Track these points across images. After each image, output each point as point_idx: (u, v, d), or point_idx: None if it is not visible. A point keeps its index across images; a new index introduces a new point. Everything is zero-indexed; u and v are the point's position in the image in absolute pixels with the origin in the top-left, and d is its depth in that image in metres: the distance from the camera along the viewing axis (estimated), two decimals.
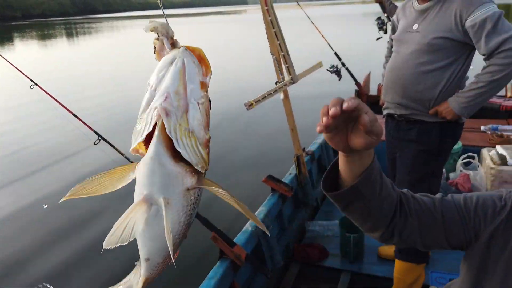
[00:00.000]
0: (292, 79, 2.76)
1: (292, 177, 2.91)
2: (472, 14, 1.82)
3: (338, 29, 22.53)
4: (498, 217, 0.92)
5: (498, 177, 2.77)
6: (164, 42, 0.52)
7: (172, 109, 0.50)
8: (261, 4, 2.54)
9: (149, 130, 0.51)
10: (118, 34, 39.67)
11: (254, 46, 17.08)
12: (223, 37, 26.85)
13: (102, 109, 8.47)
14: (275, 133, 5.72)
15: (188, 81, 0.51)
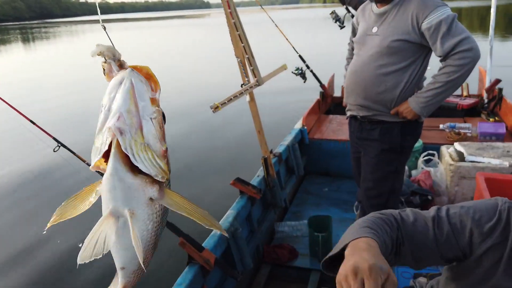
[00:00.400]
0: (258, 82, 2.76)
1: (260, 179, 2.92)
2: (428, 17, 1.88)
3: (301, 32, 22.87)
4: (494, 232, 0.92)
5: (457, 173, 2.88)
6: (112, 65, 0.55)
7: (126, 127, 0.53)
8: (224, 7, 2.54)
9: (106, 149, 0.54)
10: (77, 39, 38.56)
11: (219, 50, 17.03)
12: (187, 41, 26.63)
13: (60, 115, 8.20)
14: (243, 136, 5.72)
15: (138, 99, 0.54)
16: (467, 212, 0.96)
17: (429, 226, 0.96)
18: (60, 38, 39.34)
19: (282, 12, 20.31)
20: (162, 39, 27.41)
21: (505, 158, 2.75)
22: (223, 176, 4.38)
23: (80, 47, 28.43)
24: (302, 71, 4.11)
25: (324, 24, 34.99)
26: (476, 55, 1.88)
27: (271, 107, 7.22)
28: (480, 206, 0.97)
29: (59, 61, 19.10)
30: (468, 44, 1.86)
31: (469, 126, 3.55)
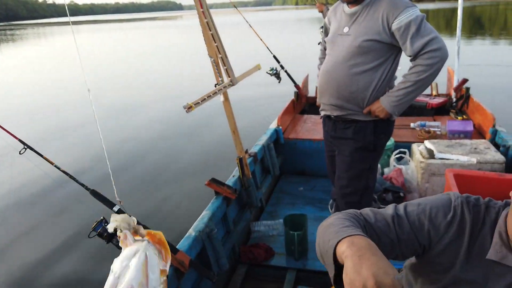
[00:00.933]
0: (231, 81, 2.75)
1: (236, 179, 2.91)
2: (398, 18, 1.92)
3: (275, 34, 23.00)
4: (450, 228, 0.96)
5: (427, 170, 2.95)
6: (128, 236, 0.55)
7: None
8: (197, 7, 2.52)
9: None
10: (45, 41, 37.49)
11: (193, 51, 16.94)
12: (160, 43, 26.32)
13: (27, 118, 7.95)
14: (218, 136, 5.69)
15: (150, 272, 0.54)
16: (424, 210, 0.99)
17: (389, 225, 0.98)
18: (27, 41, 38.15)
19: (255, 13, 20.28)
20: (134, 41, 26.99)
21: (472, 155, 2.84)
22: (198, 176, 4.35)
23: (49, 49, 27.68)
24: (276, 72, 4.13)
25: (297, 26, 35.32)
26: (444, 55, 1.93)
27: (246, 107, 7.23)
28: (436, 203, 1.00)
29: (27, 64, 18.51)
30: (436, 44, 1.90)
31: (439, 125, 3.65)
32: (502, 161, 2.71)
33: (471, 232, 0.95)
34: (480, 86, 5.60)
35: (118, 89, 10.42)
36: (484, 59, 11.50)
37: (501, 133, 3.25)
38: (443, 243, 0.96)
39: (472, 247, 0.95)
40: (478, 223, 0.96)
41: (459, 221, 0.96)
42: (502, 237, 0.91)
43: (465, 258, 0.95)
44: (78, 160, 5.38)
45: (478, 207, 0.98)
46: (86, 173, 4.77)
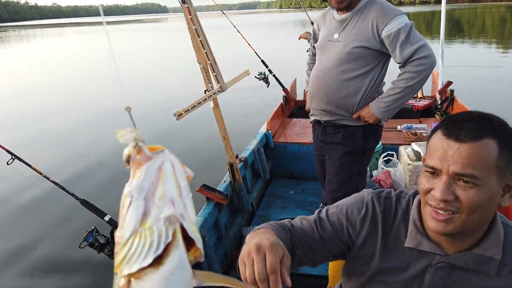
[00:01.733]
0: (221, 88, 2.77)
1: (227, 185, 2.91)
2: (387, 25, 1.96)
3: (261, 37, 23.05)
4: (365, 223, 1.03)
5: (415, 172, 3.00)
6: (143, 148, 0.49)
7: (183, 212, 0.48)
8: (185, 14, 2.52)
9: (169, 240, 0.47)
10: (27, 44, 36.92)
11: (180, 55, 16.88)
12: (147, 46, 26.14)
13: (12, 125, 7.81)
14: (208, 142, 5.68)
15: (180, 180, 0.49)
16: (341, 210, 1.06)
17: (313, 228, 1.05)
18: (9, 44, 37.51)
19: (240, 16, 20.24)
20: (120, 44, 26.75)
21: None
22: (190, 183, 4.32)
23: (31, 52, 27.27)
24: (265, 76, 4.14)
25: (282, 29, 35.45)
26: (432, 62, 1.97)
27: (235, 112, 7.23)
28: (351, 201, 1.07)
29: (8, 68, 18.19)
30: (425, 51, 1.94)
31: (425, 127, 3.71)
32: None
33: (383, 224, 1.02)
34: (464, 88, 5.71)
35: (102, 94, 10.31)
36: (466, 60, 11.72)
37: None
38: (361, 237, 1.03)
39: (388, 237, 1.01)
40: (390, 214, 1.02)
41: (371, 215, 1.02)
42: (416, 225, 0.96)
43: (382, 248, 1.01)
44: (66, 168, 5.32)
45: (390, 200, 1.04)
46: (76, 181, 4.73)
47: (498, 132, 0.83)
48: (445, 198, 0.83)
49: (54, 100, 10.05)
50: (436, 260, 0.94)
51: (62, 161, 5.62)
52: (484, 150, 0.81)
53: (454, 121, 0.86)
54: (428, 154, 0.90)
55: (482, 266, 0.90)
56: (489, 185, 0.82)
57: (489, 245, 0.90)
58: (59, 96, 10.56)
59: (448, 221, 0.85)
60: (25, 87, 12.43)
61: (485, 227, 0.91)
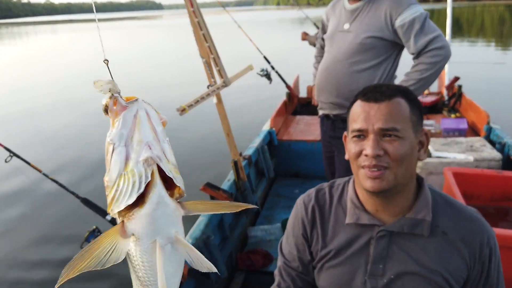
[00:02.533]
0: (224, 82, 2.68)
1: (231, 183, 2.84)
2: (401, 15, 1.89)
3: (261, 34, 22.98)
4: (306, 224, 1.12)
5: (425, 169, 2.92)
6: (119, 99, 0.54)
7: (160, 154, 0.55)
8: (187, 6, 2.44)
9: (149, 179, 0.54)
10: (20, 41, 36.63)
11: (180, 51, 16.78)
12: (144, 43, 25.99)
13: (7, 122, 7.67)
14: (211, 139, 5.60)
15: (155, 125, 0.55)
16: (287, 237, 1.17)
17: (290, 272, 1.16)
18: (2, 41, 37.20)
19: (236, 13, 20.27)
20: (116, 41, 26.57)
21: (469, 152, 2.83)
22: (193, 181, 4.25)
23: (24, 49, 27.04)
24: (267, 72, 4.08)
25: (281, 26, 35.40)
26: (447, 53, 1.90)
27: (238, 109, 7.15)
28: (290, 225, 1.17)
29: (2, 66, 18.00)
30: (440, 42, 1.88)
31: (433, 123, 3.65)
32: (499, 158, 2.72)
33: (321, 215, 1.10)
34: (470, 84, 5.67)
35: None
36: (468, 58, 11.73)
37: (496, 130, 3.27)
38: (312, 236, 1.11)
39: (327, 224, 1.09)
40: (325, 203, 1.11)
41: (308, 219, 1.11)
42: (354, 202, 1.05)
43: (322, 237, 1.09)
44: (65, 166, 5.22)
45: (322, 190, 1.14)
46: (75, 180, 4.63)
47: (405, 93, 0.98)
48: (376, 153, 0.92)
49: (47, 97, 9.93)
50: (376, 231, 1.01)
51: (60, 159, 5.52)
52: (400, 106, 0.94)
53: (369, 89, 0.98)
54: (351, 121, 0.99)
55: (416, 228, 0.99)
56: (409, 137, 0.94)
57: (419, 208, 0.99)
58: (52, 94, 10.45)
59: (382, 176, 0.93)
60: (17, 84, 12.29)
61: (413, 187, 1.00)
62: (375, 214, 1.02)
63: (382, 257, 1.01)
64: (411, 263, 0.99)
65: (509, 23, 29.62)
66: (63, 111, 8.42)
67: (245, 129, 5.18)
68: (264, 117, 4.35)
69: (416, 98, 1.00)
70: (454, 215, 1.00)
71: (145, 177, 0.54)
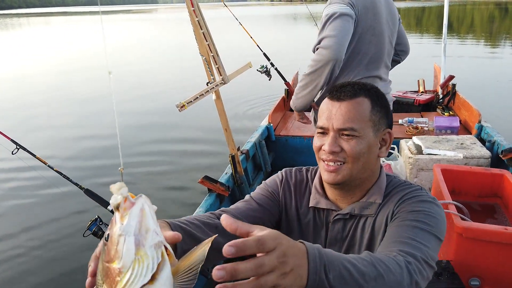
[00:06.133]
0: (223, 80, 2.76)
1: (228, 177, 2.91)
2: (323, 11, 1.96)
3: (258, 29, 22.93)
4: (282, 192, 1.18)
5: (415, 165, 3.02)
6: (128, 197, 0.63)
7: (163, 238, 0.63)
8: (187, 5, 2.50)
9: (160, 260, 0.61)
10: (14, 33, 36.22)
11: (178, 47, 16.69)
12: (142, 37, 25.76)
13: (14, 115, 7.66)
14: (210, 134, 5.65)
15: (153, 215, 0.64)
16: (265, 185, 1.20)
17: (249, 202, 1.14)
18: None
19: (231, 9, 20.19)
20: (112, 35, 26.36)
21: (459, 150, 2.92)
22: (191, 174, 4.33)
23: (17, 41, 26.76)
24: (266, 69, 4.12)
25: (275, 22, 35.35)
26: (331, 55, 1.85)
27: (237, 105, 7.19)
28: (270, 179, 1.21)
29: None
30: (328, 42, 1.86)
31: (426, 121, 3.74)
32: (488, 156, 2.80)
33: (296, 193, 1.16)
34: (464, 82, 5.76)
35: (96, 85, 10.18)
36: (463, 56, 11.83)
37: (486, 128, 3.36)
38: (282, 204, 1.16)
39: (301, 201, 1.16)
40: (302, 183, 1.18)
41: (286, 187, 1.17)
42: (317, 187, 1.13)
43: (298, 210, 1.15)
44: (68, 157, 5.25)
45: (301, 172, 1.20)
46: (78, 171, 4.68)
47: (370, 92, 1.03)
48: (332, 150, 1.00)
49: (43, 89, 9.89)
50: (333, 215, 1.09)
51: (59, 149, 5.55)
52: (360, 106, 1.00)
53: (336, 87, 1.04)
54: (318, 117, 1.06)
55: (366, 210, 1.06)
56: (367, 136, 1.00)
57: (372, 193, 1.06)
58: (49, 85, 10.39)
59: (337, 170, 1.01)
60: (16, 74, 12.21)
61: (371, 179, 1.07)
62: (334, 202, 1.10)
63: (337, 240, 1.09)
64: (362, 243, 1.07)
65: (499, 21, 29.84)
66: (61, 104, 8.40)
67: (243, 125, 5.26)
68: (263, 113, 4.41)
69: (381, 97, 1.05)
70: (397, 193, 1.05)
71: (157, 258, 0.61)
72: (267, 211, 1.13)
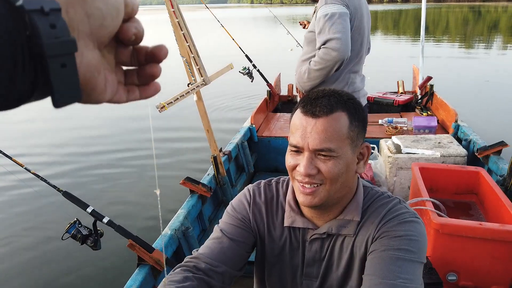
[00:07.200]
0: (204, 81, 2.75)
1: (211, 178, 2.91)
2: (319, 11, 2.06)
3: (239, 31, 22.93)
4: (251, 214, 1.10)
5: (395, 164, 3.07)
6: None
7: None
8: (167, 6, 2.50)
9: None
10: None
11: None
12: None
13: None
14: (192, 135, 5.63)
15: None
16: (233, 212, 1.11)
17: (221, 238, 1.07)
18: None
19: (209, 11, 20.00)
20: None
21: (437, 149, 2.99)
22: (173, 175, 4.30)
23: None
24: (249, 71, 4.13)
25: (256, 24, 35.42)
26: (339, 56, 2.00)
27: (219, 106, 7.18)
28: (237, 201, 1.13)
29: None
30: (336, 44, 1.99)
31: (405, 121, 3.81)
32: (464, 154, 2.87)
33: (266, 209, 1.09)
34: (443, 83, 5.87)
35: None
36: (440, 58, 12.08)
37: (463, 127, 3.45)
38: (258, 229, 1.09)
39: (274, 221, 1.08)
40: (273, 199, 1.10)
41: (255, 206, 1.09)
42: (291, 205, 1.05)
43: (271, 231, 1.08)
44: (46, 160, 5.15)
45: (270, 186, 1.13)
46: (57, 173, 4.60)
47: (347, 105, 0.93)
48: (308, 172, 0.91)
49: None
50: (310, 235, 1.03)
51: (41, 152, 5.44)
52: (337, 123, 0.90)
53: (310, 98, 0.94)
54: (291, 132, 0.96)
55: (344, 229, 1.00)
56: (345, 155, 0.92)
57: (349, 210, 1.00)
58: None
59: (314, 193, 0.93)
60: None
61: (349, 195, 1.01)
62: (310, 219, 1.03)
63: (315, 260, 1.04)
64: (340, 263, 1.02)
65: (473, 24, 30.66)
66: (33, 106, 8.24)
67: (226, 126, 5.26)
68: (245, 114, 4.42)
69: (358, 109, 0.96)
70: (376, 210, 1.00)
71: None
72: (241, 243, 1.06)
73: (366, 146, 0.99)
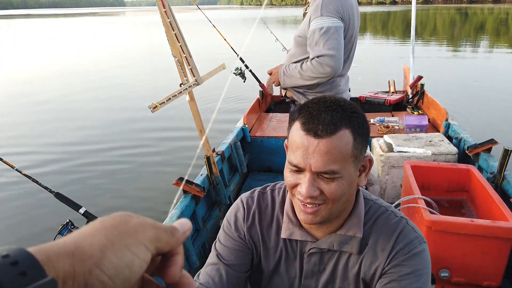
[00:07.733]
0: (196, 81, 2.75)
1: (204, 178, 2.90)
2: (313, 22, 2.07)
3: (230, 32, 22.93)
4: (245, 226, 1.08)
5: (387, 163, 3.10)
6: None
7: None
8: (159, 6, 2.49)
9: None
10: None
11: (149, 49, 16.45)
12: (110, 39, 25.28)
13: None
14: (186, 135, 5.61)
15: None
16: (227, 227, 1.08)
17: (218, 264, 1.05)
18: None
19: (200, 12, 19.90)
20: (78, 39, 25.71)
21: (428, 147, 3.02)
22: (166, 175, 4.29)
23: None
24: (241, 71, 4.13)
25: (246, 25, 35.43)
26: (332, 72, 2.05)
27: (212, 106, 7.17)
28: (230, 214, 1.10)
29: None
30: (331, 62, 2.03)
31: (396, 120, 3.84)
32: (455, 152, 2.91)
33: (260, 221, 1.06)
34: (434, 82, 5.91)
35: (62, 89, 9.92)
36: (430, 59, 12.21)
37: (453, 126, 3.50)
38: (254, 244, 1.06)
39: (269, 233, 1.06)
40: (267, 207, 1.07)
41: (249, 217, 1.06)
42: (289, 216, 1.02)
43: (267, 244, 1.05)
44: (38, 161, 5.09)
45: (265, 194, 1.09)
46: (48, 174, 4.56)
47: (351, 120, 0.86)
48: (310, 194, 0.87)
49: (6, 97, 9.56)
50: (308, 247, 1.00)
51: (33, 153, 5.38)
52: (341, 143, 0.84)
53: (311, 114, 0.86)
54: (290, 149, 0.91)
55: (346, 246, 0.97)
56: (348, 174, 0.88)
57: (351, 225, 0.97)
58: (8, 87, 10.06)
59: (316, 212, 0.90)
60: None
61: (349, 208, 0.98)
62: (309, 230, 1.00)
63: (314, 273, 1.02)
64: (340, 278, 1.01)
65: (460, 25, 31.06)
66: (23, 109, 8.15)
67: (218, 127, 5.25)
68: (238, 115, 4.42)
69: (363, 123, 0.89)
70: (383, 231, 0.98)
71: None
72: (238, 266, 1.04)
73: (369, 160, 0.95)
